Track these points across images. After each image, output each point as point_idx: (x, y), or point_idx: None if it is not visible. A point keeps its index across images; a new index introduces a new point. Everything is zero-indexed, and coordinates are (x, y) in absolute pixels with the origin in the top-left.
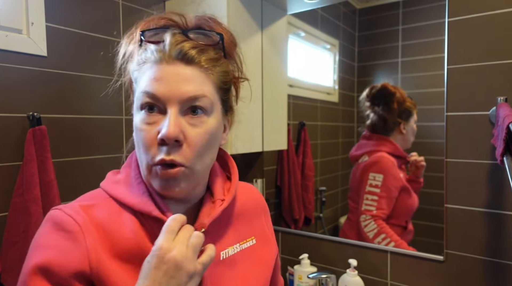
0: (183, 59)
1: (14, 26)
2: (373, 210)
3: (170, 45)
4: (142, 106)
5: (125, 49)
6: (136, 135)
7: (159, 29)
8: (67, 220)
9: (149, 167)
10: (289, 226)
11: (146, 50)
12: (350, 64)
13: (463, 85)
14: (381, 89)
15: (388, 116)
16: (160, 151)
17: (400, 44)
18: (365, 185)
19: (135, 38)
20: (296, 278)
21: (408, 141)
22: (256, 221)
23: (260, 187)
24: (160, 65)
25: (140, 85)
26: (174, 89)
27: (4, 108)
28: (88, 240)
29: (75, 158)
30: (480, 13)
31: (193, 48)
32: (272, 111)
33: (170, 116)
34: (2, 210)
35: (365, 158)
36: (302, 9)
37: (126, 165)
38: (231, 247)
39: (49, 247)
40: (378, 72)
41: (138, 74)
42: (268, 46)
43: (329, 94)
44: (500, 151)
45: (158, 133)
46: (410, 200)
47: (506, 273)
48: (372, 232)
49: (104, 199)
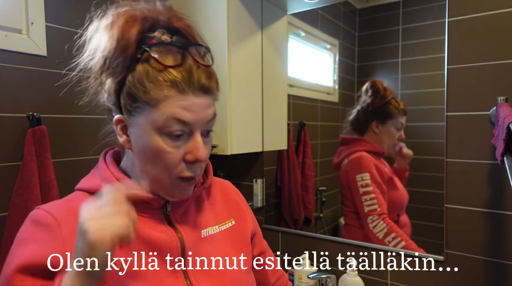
0: (205, 90)
1: (14, 26)
2: (377, 208)
3: (193, 76)
4: (172, 132)
5: (111, 53)
6: (157, 155)
7: (163, 45)
8: (44, 215)
9: (171, 180)
10: (289, 226)
11: (161, 72)
12: (350, 64)
13: (463, 85)
14: (368, 84)
15: (361, 111)
16: (188, 168)
17: (400, 44)
18: (356, 188)
19: (129, 48)
20: (296, 278)
21: (382, 143)
22: (233, 204)
23: (260, 187)
24: (187, 96)
25: (162, 110)
26: (200, 116)
27: (4, 108)
28: (65, 231)
29: (75, 158)
30: (480, 13)
31: (208, 78)
32: (272, 111)
33: (199, 141)
34: (2, 210)
35: (345, 161)
36: (302, 9)
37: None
38: (211, 227)
39: (29, 242)
40: (378, 72)
41: (152, 95)
42: (268, 46)
43: (329, 94)
44: (500, 151)
45: (184, 154)
46: (396, 193)
47: (506, 273)
48: (381, 232)
49: (78, 194)
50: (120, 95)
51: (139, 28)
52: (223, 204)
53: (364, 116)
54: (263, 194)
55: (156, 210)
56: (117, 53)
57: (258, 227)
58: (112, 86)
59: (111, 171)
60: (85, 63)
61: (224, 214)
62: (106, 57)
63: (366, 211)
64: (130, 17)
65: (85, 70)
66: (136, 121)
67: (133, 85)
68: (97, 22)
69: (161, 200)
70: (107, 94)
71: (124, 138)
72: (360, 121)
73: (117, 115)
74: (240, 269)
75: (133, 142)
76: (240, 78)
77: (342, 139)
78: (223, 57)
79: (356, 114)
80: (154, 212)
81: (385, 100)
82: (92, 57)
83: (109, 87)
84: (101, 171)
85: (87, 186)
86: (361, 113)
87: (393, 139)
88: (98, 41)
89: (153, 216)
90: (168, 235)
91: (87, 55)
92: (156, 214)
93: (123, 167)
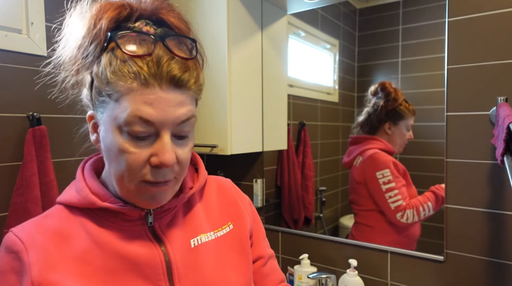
0: (176, 84)
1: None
2: (402, 203)
3: (162, 67)
4: (135, 133)
5: (83, 43)
6: (120, 155)
7: (136, 34)
8: (13, 240)
9: (135, 184)
10: (289, 226)
11: (125, 63)
12: (350, 64)
13: (463, 85)
14: (378, 86)
15: (373, 113)
16: (154, 173)
17: (400, 44)
18: (377, 185)
19: (99, 36)
20: (296, 278)
21: (394, 143)
22: (231, 205)
23: (260, 187)
24: (152, 89)
25: (124, 105)
26: (168, 114)
27: (4, 108)
28: (31, 255)
29: (75, 158)
30: (480, 13)
31: (181, 70)
32: (272, 111)
33: (166, 143)
34: (2, 210)
35: (359, 159)
36: (302, 9)
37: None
38: (204, 234)
39: (6, 272)
40: (378, 72)
41: (114, 88)
42: (268, 46)
43: (329, 94)
44: (500, 151)
45: (150, 156)
46: (410, 190)
47: (506, 273)
48: (415, 217)
49: (56, 209)
50: (92, 89)
51: (113, 15)
52: (219, 206)
53: (376, 118)
54: (263, 194)
55: (136, 222)
56: (88, 42)
57: (258, 226)
58: (88, 80)
59: (87, 182)
60: (59, 54)
61: (220, 218)
62: (78, 46)
63: (393, 208)
64: (107, 4)
65: (61, 62)
66: (102, 117)
67: (98, 76)
68: (73, 10)
69: (141, 211)
70: (85, 88)
71: (95, 136)
72: (372, 122)
73: (90, 111)
74: (237, 281)
75: (101, 141)
76: (240, 78)
77: (352, 138)
78: (223, 57)
79: (367, 116)
80: (134, 224)
81: (398, 102)
82: (66, 47)
83: (85, 80)
84: (76, 181)
85: (64, 199)
86: (372, 114)
87: (404, 139)
88: (72, 29)
89: (134, 229)
90: (150, 249)
91: (62, 46)
92: (137, 226)
93: (103, 176)
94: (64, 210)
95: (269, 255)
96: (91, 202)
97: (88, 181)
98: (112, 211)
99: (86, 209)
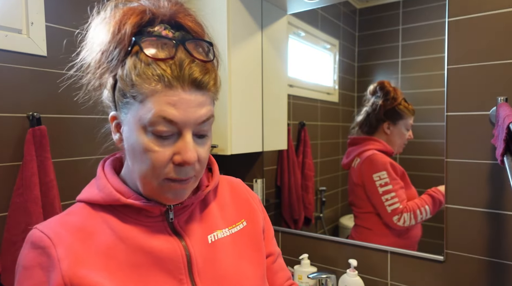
0: (197, 86)
1: (14, 26)
2: (399, 206)
3: (184, 70)
4: (159, 132)
5: (108, 47)
6: (144, 154)
7: (157, 38)
8: (39, 236)
9: (158, 182)
10: (289, 226)
11: (149, 66)
12: (350, 64)
13: (463, 85)
14: (377, 85)
15: (372, 112)
16: (177, 170)
17: (400, 44)
18: (374, 188)
19: (124, 41)
20: (296, 278)
21: (393, 143)
22: (243, 203)
23: (260, 187)
24: (175, 91)
25: (148, 106)
26: (190, 114)
27: (4, 108)
28: (59, 251)
29: (75, 158)
30: (480, 13)
31: (202, 73)
32: (272, 111)
33: (188, 142)
34: (2, 210)
35: (357, 160)
36: (302, 9)
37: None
38: (220, 230)
39: (32, 271)
40: (378, 72)
41: (138, 90)
42: (268, 46)
43: (329, 94)
44: (500, 151)
45: (173, 154)
46: (409, 192)
47: (506, 273)
48: (412, 220)
49: (78, 207)
50: (115, 91)
51: (136, 21)
52: (232, 205)
53: (375, 117)
54: (263, 194)
55: (157, 218)
56: (113, 47)
57: (268, 225)
58: (110, 82)
59: (108, 180)
60: (83, 58)
61: (234, 216)
62: (103, 51)
63: (389, 211)
64: (129, 10)
65: (84, 66)
66: (126, 118)
67: (122, 79)
68: (96, 16)
69: (162, 207)
70: (107, 90)
71: (118, 136)
72: (371, 122)
73: (112, 112)
74: (253, 275)
75: (124, 141)
76: (240, 78)
77: (351, 139)
78: (223, 57)
79: (366, 115)
80: (155, 220)
81: (397, 101)
82: (90, 52)
83: (107, 83)
84: (97, 180)
85: (85, 197)
86: (371, 114)
87: (403, 139)
88: (95, 35)
89: (155, 225)
90: (171, 244)
91: (86, 50)
92: (158, 222)
93: (123, 174)
94: (86, 207)
95: (278, 252)
96: (115, 199)
97: (110, 179)
98: (134, 207)
99: (108, 206)
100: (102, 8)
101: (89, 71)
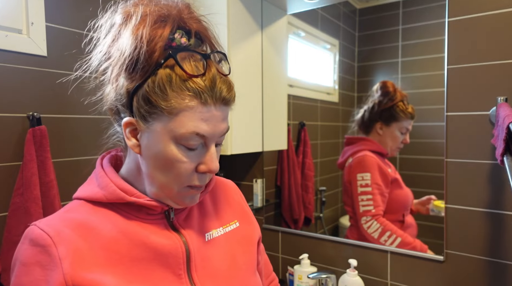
0: (226, 103)
1: (14, 26)
2: (372, 209)
3: (216, 87)
4: (189, 145)
5: (140, 56)
6: (171, 163)
7: (189, 52)
8: (39, 234)
9: (179, 188)
10: (289, 226)
11: (185, 81)
12: (350, 64)
13: (463, 85)
14: (379, 84)
15: (367, 110)
16: (199, 178)
17: (400, 44)
18: (355, 187)
19: (157, 50)
20: (296, 278)
21: (384, 144)
22: (237, 206)
23: (260, 187)
24: (208, 107)
25: (182, 120)
26: (217, 129)
27: (4, 108)
28: (60, 250)
29: (75, 158)
30: (480, 13)
31: (228, 90)
32: (272, 111)
33: (213, 153)
34: (2, 210)
35: (350, 160)
36: (302, 9)
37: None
38: (215, 230)
39: (30, 264)
40: (378, 72)
41: (171, 104)
42: (268, 46)
43: (329, 94)
44: (500, 151)
45: (198, 164)
46: (402, 192)
47: (506, 273)
48: (376, 232)
49: (77, 204)
50: (134, 97)
51: (169, 32)
52: (226, 205)
53: (369, 116)
54: (263, 194)
55: (157, 216)
56: (143, 56)
57: (260, 239)
58: (125, 87)
59: (110, 178)
60: (99, 61)
61: (227, 216)
62: (128, 57)
63: (361, 211)
64: (160, 17)
65: (98, 69)
66: (151, 127)
67: (153, 90)
68: (112, 17)
69: (165, 206)
70: (117, 94)
71: (133, 142)
72: (365, 120)
73: (127, 118)
74: (247, 271)
75: (144, 147)
76: (240, 78)
77: (347, 139)
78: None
79: (362, 113)
80: (156, 218)
81: (393, 102)
82: (109, 56)
83: (121, 87)
84: (98, 178)
85: (85, 195)
86: (367, 112)
87: (396, 143)
88: (119, 39)
89: (156, 222)
90: (173, 240)
91: (102, 53)
92: (158, 219)
93: (124, 172)
94: (86, 204)
95: (265, 254)
96: (120, 197)
97: (112, 178)
98: (135, 205)
99: (109, 203)
100: (118, 8)
101: (105, 72)
